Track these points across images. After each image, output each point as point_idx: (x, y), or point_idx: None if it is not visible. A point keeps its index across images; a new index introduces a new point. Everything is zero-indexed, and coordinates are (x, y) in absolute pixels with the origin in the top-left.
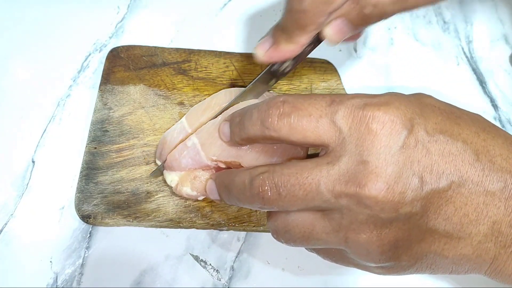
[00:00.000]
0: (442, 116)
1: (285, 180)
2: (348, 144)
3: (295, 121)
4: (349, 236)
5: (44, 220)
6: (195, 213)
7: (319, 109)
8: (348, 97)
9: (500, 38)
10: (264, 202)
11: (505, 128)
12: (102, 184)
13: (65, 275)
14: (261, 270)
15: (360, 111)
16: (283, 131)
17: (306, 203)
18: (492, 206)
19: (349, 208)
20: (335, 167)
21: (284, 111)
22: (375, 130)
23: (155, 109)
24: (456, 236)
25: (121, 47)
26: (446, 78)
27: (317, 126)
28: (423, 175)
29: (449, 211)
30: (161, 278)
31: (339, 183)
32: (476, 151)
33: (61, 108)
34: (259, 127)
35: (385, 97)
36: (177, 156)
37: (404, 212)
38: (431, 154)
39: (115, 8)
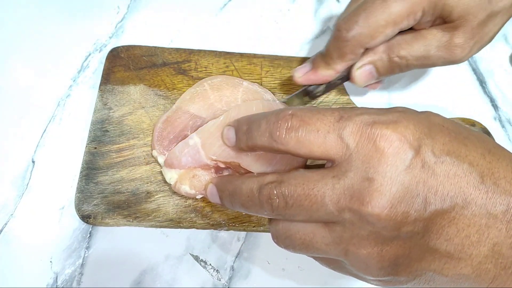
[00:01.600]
0: (449, 137)
1: (292, 190)
2: (355, 160)
3: (303, 135)
4: (349, 249)
5: (44, 220)
6: (195, 213)
7: (327, 124)
8: (357, 113)
9: (500, 38)
10: (272, 209)
11: (505, 128)
12: (102, 184)
13: (65, 275)
14: (261, 270)
15: (368, 128)
16: (290, 145)
17: (310, 214)
18: (494, 229)
19: (352, 223)
20: (340, 181)
21: (292, 124)
22: (382, 149)
23: (155, 109)
24: (456, 256)
25: (121, 47)
26: (446, 78)
27: (325, 142)
28: (427, 196)
29: (451, 232)
30: (161, 278)
31: (344, 197)
32: (481, 173)
33: (61, 108)
34: (267, 139)
35: (394, 115)
36: (177, 154)
37: (406, 231)
38: (436, 175)
39: (115, 8)
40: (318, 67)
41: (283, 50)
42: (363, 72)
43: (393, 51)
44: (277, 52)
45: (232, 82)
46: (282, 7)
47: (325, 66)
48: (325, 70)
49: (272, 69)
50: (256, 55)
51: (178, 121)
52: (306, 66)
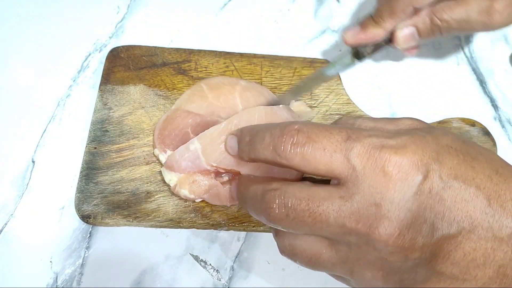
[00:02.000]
0: (457, 159)
1: (296, 204)
2: (362, 183)
3: (309, 152)
4: (355, 270)
5: (44, 220)
6: (195, 213)
7: (334, 143)
8: (365, 135)
9: (500, 38)
10: (270, 219)
11: (505, 128)
12: (102, 184)
13: (65, 275)
14: (261, 270)
15: (376, 152)
16: (295, 161)
17: (312, 231)
18: (500, 251)
19: (358, 246)
20: (347, 203)
21: (298, 140)
22: (390, 174)
23: (155, 109)
24: (461, 278)
25: (121, 47)
26: (446, 78)
27: (331, 161)
28: (434, 222)
29: (458, 256)
30: (161, 278)
31: (350, 220)
32: (488, 196)
33: (61, 108)
34: (270, 153)
35: (402, 139)
36: (177, 158)
37: (414, 258)
38: (444, 200)
39: (115, 8)
40: (368, 26)
41: (283, 50)
42: (406, 33)
43: (436, 14)
44: (277, 52)
45: (229, 81)
46: (282, 7)
47: (375, 25)
48: (375, 29)
49: (272, 69)
50: (256, 55)
51: (178, 119)
52: (355, 28)
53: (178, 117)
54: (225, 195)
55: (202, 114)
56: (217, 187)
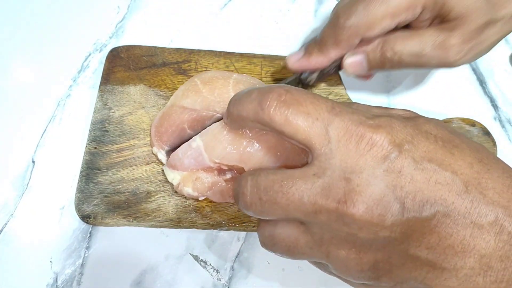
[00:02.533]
0: (435, 145)
1: (268, 186)
2: (334, 157)
3: (292, 114)
4: (330, 251)
5: (44, 220)
6: (195, 213)
7: (318, 111)
8: (348, 111)
9: None
10: (244, 204)
11: (505, 128)
12: (102, 184)
13: (65, 275)
14: (261, 270)
15: (353, 128)
16: (277, 119)
17: (286, 213)
18: (480, 239)
19: (329, 224)
20: (319, 180)
21: (285, 99)
22: (362, 150)
23: (155, 109)
24: (439, 266)
25: (121, 47)
26: (446, 78)
27: (311, 127)
28: (405, 201)
29: (433, 240)
30: (161, 278)
31: (321, 197)
32: (466, 182)
33: (61, 108)
34: (254, 106)
35: (381, 120)
36: (180, 156)
37: (383, 236)
38: (415, 181)
39: (115, 8)
40: (312, 53)
41: (283, 50)
42: (354, 61)
43: (388, 45)
44: (277, 52)
45: (222, 75)
46: (282, 7)
47: (318, 53)
48: (319, 57)
49: (272, 69)
50: (256, 55)
51: (174, 116)
52: (299, 53)
53: (174, 113)
54: (228, 192)
55: (197, 109)
56: (220, 184)
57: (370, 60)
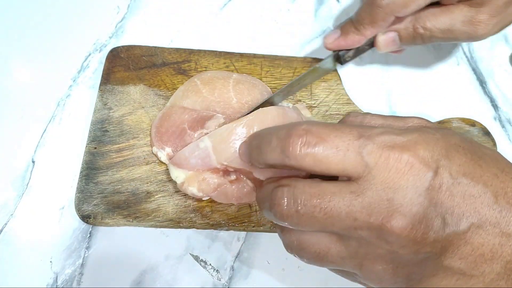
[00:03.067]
0: (465, 158)
1: (306, 199)
2: (374, 179)
3: (320, 152)
4: (364, 264)
5: (44, 220)
6: (195, 213)
7: (347, 142)
8: (377, 133)
9: (500, 38)
10: (279, 215)
11: (505, 128)
12: (102, 184)
13: (65, 275)
14: (261, 270)
15: (389, 150)
16: (306, 162)
17: (323, 227)
18: (507, 247)
19: (369, 240)
20: (358, 198)
21: (308, 141)
22: (402, 170)
23: (155, 109)
24: (469, 273)
25: (121, 47)
26: (446, 78)
27: (344, 160)
28: (445, 217)
29: (466, 251)
30: (161, 278)
31: (361, 215)
32: (495, 193)
33: (61, 108)
34: (278, 155)
35: (413, 136)
36: (187, 155)
37: (424, 252)
38: (453, 196)
39: (115, 8)
40: (348, 32)
41: (283, 50)
42: (387, 38)
43: (419, 22)
44: (277, 52)
45: (222, 75)
46: (282, 7)
47: (355, 32)
48: (355, 35)
49: (272, 69)
50: (256, 55)
51: (174, 116)
52: (335, 33)
53: (174, 113)
54: (232, 193)
55: (197, 109)
56: (226, 185)
57: (402, 37)
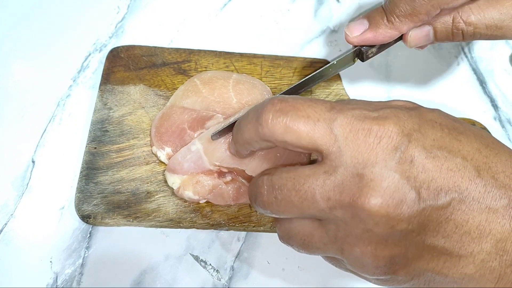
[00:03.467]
0: (442, 132)
1: (282, 184)
2: (344, 155)
3: (292, 120)
4: (344, 248)
5: (44, 220)
6: (195, 213)
7: (318, 112)
8: (349, 107)
9: None
10: (262, 204)
11: (505, 128)
12: (102, 184)
13: (65, 275)
14: (261, 270)
15: (359, 123)
16: (277, 129)
17: (301, 211)
18: (495, 224)
19: (344, 220)
20: (331, 177)
21: (280, 108)
22: (371, 144)
23: (155, 109)
24: (456, 254)
25: (121, 47)
26: (446, 78)
27: (314, 129)
28: (420, 191)
29: (449, 228)
30: (161, 278)
31: (334, 193)
32: (477, 167)
33: (61, 108)
34: (253, 124)
35: (385, 111)
36: (180, 160)
37: (400, 229)
38: (428, 170)
39: (115, 8)
40: (379, 25)
41: (283, 50)
42: (420, 33)
43: (462, 16)
44: (277, 52)
45: (221, 75)
46: (282, 7)
47: (388, 25)
48: (388, 30)
49: (272, 69)
50: (256, 55)
51: (174, 116)
52: (362, 24)
53: (174, 113)
54: (228, 194)
55: (197, 109)
56: (221, 186)
57: (438, 32)
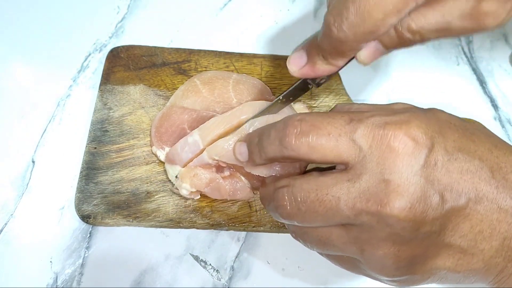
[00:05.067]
0: (458, 133)
1: (305, 196)
2: (369, 163)
3: (314, 139)
4: (365, 249)
5: (44, 220)
6: (195, 213)
7: (338, 127)
8: (367, 116)
9: (500, 38)
10: (284, 216)
11: (505, 128)
12: (102, 184)
13: (65, 275)
14: (261, 270)
15: (381, 130)
16: (302, 150)
17: (326, 220)
18: (504, 223)
19: (370, 225)
20: (355, 184)
21: (302, 129)
22: (396, 149)
23: (155, 109)
24: (470, 252)
25: (121, 47)
26: (446, 78)
27: (337, 145)
28: (443, 194)
29: (466, 228)
30: (161, 278)
31: (360, 201)
32: (491, 168)
33: (61, 108)
34: (277, 147)
35: (405, 115)
36: (179, 151)
37: (425, 231)
38: (450, 172)
39: (115, 8)
40: (316, 62)
41: (283, 50)
42: (368, 50)
43: (402, 25)
44: (277, 52)
45: (221, 75)
46: (282, 7)
47: (323, 61)
48: (324, 66)
49: (272, 69)
50: (256, 55)
51: (174, 116)
52: (301, 57)
53: (174, 113)
54: (225, 189)
55: (197, 109)
56: (218, 181)
57: (387, 44)
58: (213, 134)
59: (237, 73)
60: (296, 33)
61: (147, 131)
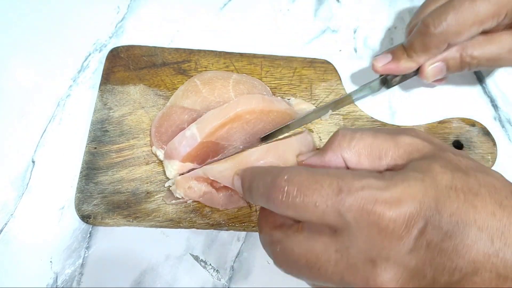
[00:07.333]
0: (458, 202)
1: (295, 261)
2: (356, 237)
3: (300, 206)
4: None
5: (44, 220)
6: (195, 213)
7: (325, 197)
8: (357, 187)
9: None
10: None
11: (505, 128)
12: (102, 184)
13: (65, 275)
14: (261, 270)
15: (369, 206)
16: (288, 212)
17: (315, 284)
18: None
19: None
20: (343, 258)
21: (288, 193)
22: (385, 230)
23: (155, 109)
24: None
25: (121, 47)
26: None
27: (323, 215)
28: (434, 275)
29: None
30: (161, 278)
31: (348, 274)
32: (491, 236)
33: (61, 108)
34: (265, 203)
35: (397, 190)
36: (176, 145)
37: None
38: (444, 251)
39: (115, 8)
40: (400, 59)
41: (283, 50)
42: (435, 68)
43: (466, 51)
44: (277, 52)
45: (221, 75)
46: (282, 7)
47: (407, 59)
48: (407, 62)
49: (272, 69)
50: (256, 55)
51: (174, 116)
52: (386, 57)
53: (174, 113)
54: (218, 200)
55: (197, 109)
56: (211, 193)
57: (450, 66)
58: (210, 126)
59: (237, 73)
60: (296, 33)
61: (147, 131)
